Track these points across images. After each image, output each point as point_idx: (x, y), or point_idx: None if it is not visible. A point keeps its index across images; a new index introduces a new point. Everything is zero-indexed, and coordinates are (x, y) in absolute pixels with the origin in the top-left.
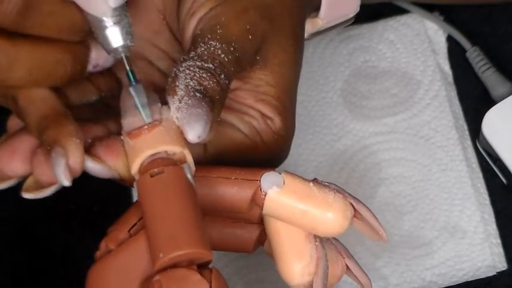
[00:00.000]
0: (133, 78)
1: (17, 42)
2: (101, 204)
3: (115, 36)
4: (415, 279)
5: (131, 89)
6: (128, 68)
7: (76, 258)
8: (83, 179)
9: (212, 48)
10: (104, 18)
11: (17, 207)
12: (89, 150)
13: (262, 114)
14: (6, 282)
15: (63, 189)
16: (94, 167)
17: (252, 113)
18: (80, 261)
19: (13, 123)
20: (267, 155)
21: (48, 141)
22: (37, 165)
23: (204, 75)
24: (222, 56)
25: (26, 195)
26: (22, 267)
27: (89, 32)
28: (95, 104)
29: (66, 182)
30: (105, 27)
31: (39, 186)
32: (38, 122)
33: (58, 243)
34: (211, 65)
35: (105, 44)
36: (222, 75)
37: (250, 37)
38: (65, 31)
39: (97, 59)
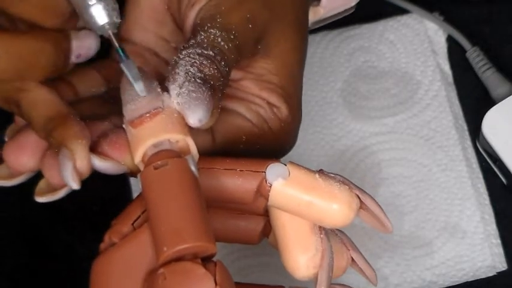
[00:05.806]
0: (124, 54)
1: None
2: (101, 204)
3: (100, 13)
4: (415, 279)
5: (122, 65)
6: (116, 45)
7: (77, 259)
8: (84, 179)
9: (212, 36)
10: None
11: (18, 208)
12: (95, 148)
13: (269, 103)
14: (6, 283)
15: None
16: (102, 165)
17: (259, 102)
18: (81, 261)
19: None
20: (275, 143)
21: (55, 144)
22: (47, 168)
23: (204, 62)
24: (222, 43)
25: (39, 199)
26: (22, 267)
27: (68, 19)
28: (103, 96)
29: (75, 185)
30: (89, 5)
31: (51, 188)
32: (44, 125)
33: (59, 243)
34: (211, 52)
35: (91, 23)
36: (223, 63)
37: (250, 26)
38: (46, 11)
39: (78, 48)
